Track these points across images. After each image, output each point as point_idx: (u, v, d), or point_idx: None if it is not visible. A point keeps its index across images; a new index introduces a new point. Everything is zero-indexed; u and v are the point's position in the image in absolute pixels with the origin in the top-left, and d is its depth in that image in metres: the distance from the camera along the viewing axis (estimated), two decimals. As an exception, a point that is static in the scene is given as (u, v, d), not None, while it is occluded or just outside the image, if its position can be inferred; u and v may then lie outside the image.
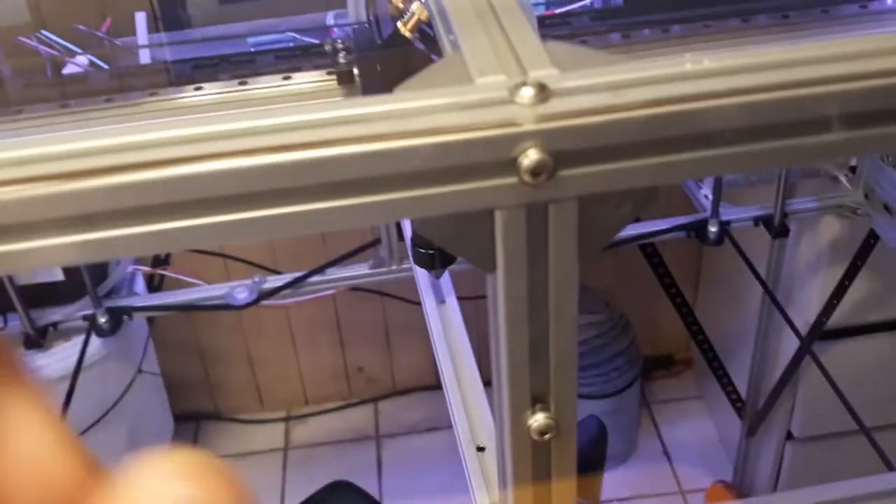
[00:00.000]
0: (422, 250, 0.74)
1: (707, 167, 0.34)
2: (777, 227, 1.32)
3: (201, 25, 1.34)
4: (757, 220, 1.34)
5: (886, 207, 1.28)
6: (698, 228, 1.33)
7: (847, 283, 1.39)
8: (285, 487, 1.99)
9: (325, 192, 0.31)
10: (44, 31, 1.25)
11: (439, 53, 0.66)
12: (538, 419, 0.38)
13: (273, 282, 1.35)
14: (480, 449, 0.67)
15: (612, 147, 0.32)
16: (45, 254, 0.30)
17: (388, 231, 1.33)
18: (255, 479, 1.99)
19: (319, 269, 1.36)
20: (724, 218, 1.32)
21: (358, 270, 1.36)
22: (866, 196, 1.31)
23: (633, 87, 0.32)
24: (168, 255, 1.50)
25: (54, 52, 1.23)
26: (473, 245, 0.33)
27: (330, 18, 1.29)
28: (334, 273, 1.36)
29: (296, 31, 1.18)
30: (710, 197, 1.34)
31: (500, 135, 0.31)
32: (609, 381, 1.85)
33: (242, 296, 1.34)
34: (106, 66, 1.14)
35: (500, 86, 0.32)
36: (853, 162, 1.33)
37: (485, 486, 0.64)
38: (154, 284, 1.48)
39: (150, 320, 1.53)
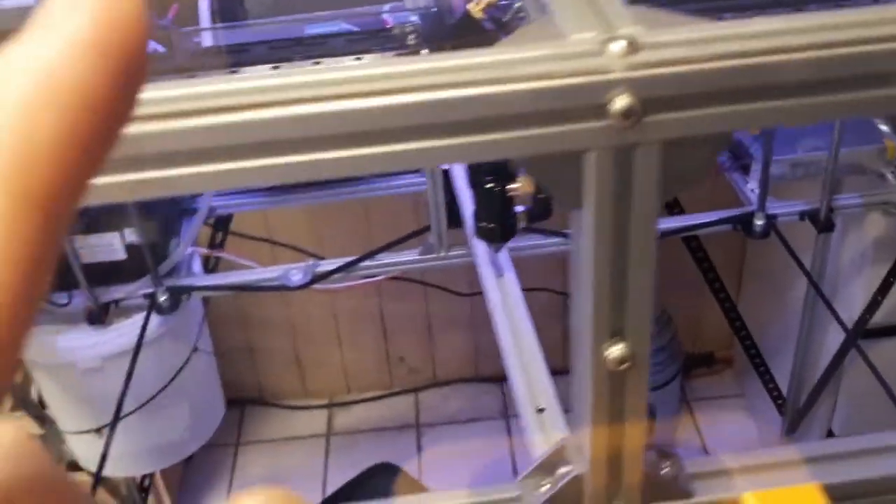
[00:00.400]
0: (484, 224, 0.77)
1: (776, 116, 0.37)
2: (823, 222, 1.34)
3: (257, 18, 1.39)
4: (803, 215, 1.36)
5: (933, 204, 1.30)
6: (744, 222, 1.36)
7: (892, 280, 1.40)
8: (327, 472, 2.03)
9: (439, 131, 0.35)
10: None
11: (508, 33, 0.70)
12: (616, 350, 0.41)
13: (326, 265, 1.39)
14: (540, 410, 0.71)
15: (693, 95, 0.36)
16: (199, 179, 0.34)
17: (437, 218, 1.36)
18: (298, 463, 2.04)
19: (370, 255, 1.40)
20: (770, 211, 1.34)
21: (408, 256, 1.40)
22: (912, 193, 1.32)
23: (713, 43, 0.36)
24: (224, 239, 1.56)
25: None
26: (564, 183, 0.37)
27: (386, 8, 1.33)
28: (385, 258, 1.40)
29: (357, 17, 1.22)
30: (757, 190, 1.36)
31: (594, 81, 0.35)
32: (650, 375, 1.87)
33: (297, 278, 1.38)
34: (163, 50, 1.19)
35: (593, 40, 0.36)
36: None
37: (546, 444, 0.68)
38: (209, 267, 1.53)
39: (205, 301, 1.57)
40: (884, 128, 1.39)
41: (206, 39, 1.10)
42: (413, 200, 1.66)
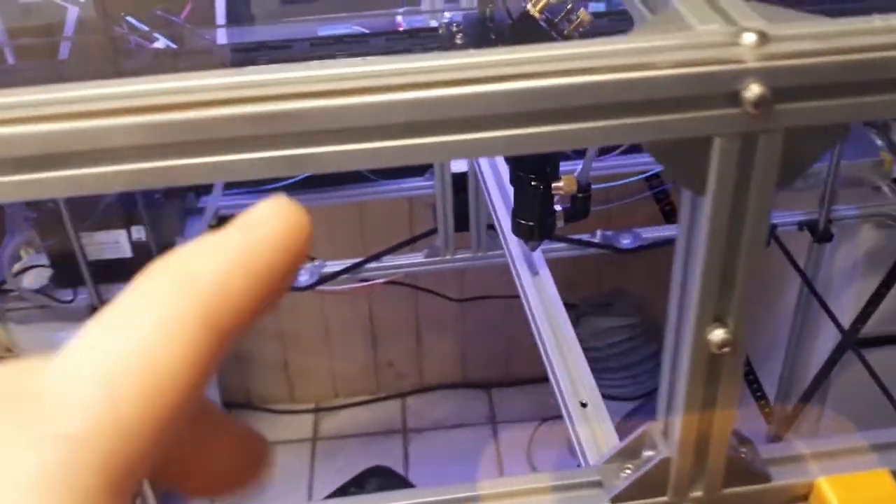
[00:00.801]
0: (522, 221, 0.79)
1: (892, 108, 0.39)
2: (821, 232, 1.37)
3: (264, 24, 1.40)
4: (801, 225, 1.40)
5: (929, 217, 1.34)
6: (743, 231, 1.38)
7: (885, 290, 1.44)
8: (313, 477, 2.03)
9: (576, 115, 0.36)
10: (127, 17, 1.30)
11: (561, 34, 0.71)
12: (718, 334, 0.42)
13: (332, 266, 1.40)
14: (583, 405, 0.72)
15: (818, 86, 0.37)
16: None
17: (445, 221, 1.37)
18: (284, 467, 2.03)
19: (376, 256, 1.41)
20: (771, 221, 1.37)
21: (413, 259, 1.41)
22: (909, 205, 1.36)
23: (836, 37, 0.37)
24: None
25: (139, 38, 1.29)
26: (690, 169, 0.38)
27: (400, 16, 1.35)
28: (390, 260, 1.41)
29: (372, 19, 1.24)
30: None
31: (728, 70, 0.36)
32: (638, 383, 1.89)
33: (304, 278, 1.39)
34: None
35: (724, 31, 0.37)
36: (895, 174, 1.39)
37: (592, 437, 0.69)
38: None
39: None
40: (879, 142, 1.43)
41: (249, 36, 1.10)
42: (408, 204, 1.68)
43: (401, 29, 1.12)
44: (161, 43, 1.33)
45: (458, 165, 1.34)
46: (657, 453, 0.48)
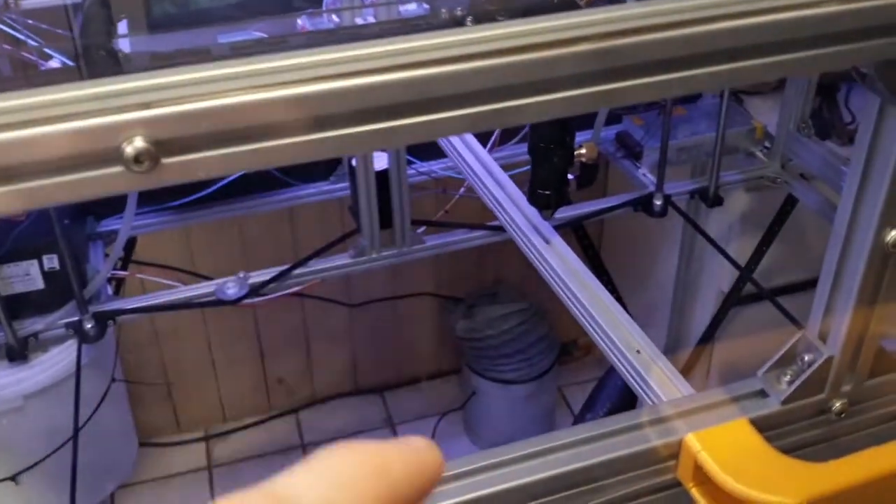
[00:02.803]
0: (540, 191, 0.83)
1: None
2: (712, 198, 1.50)
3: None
4: (693, 193, 1.52)
5: (803, 175, 1.49)
6: (644, 203, 1.49)
7: (764, 248, 1.59)
8: (216, 505, 1.96)
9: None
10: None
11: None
12: (894, 235, 0.49)
13: (259, 276, 1.38)
14: (638, 352, 0.77)
15: None
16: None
17: (370, 219, 1.39)
18: (183, 500, 1.95)
19: (302, 262, 1.40)
20: (667, 192, 1.49)
21: (341, 260, 1.41)
22: (783, 166, 1.51)
23: None
24: (127, 263, 1.49)
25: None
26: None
27: (304, 20, 1.35)
28: (316, 265, 1.40)
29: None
30: (649, 175, 1.51)
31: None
32: (533, 364, 1.97)
33: (232, 291, 1.36)
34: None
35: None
36: (766, 144, 1.54)
37: (651, 379, 0.74)
38: (114, 291, 1.46)
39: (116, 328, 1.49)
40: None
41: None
42: (318, 210, 1.67)
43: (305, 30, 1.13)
44: (56, 61, 1.27)
45: (379, 163, 1.36)
46: (818, 355, 0.54)
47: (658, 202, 1.48)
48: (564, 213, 1.46)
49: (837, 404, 0.56)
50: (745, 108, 1.64)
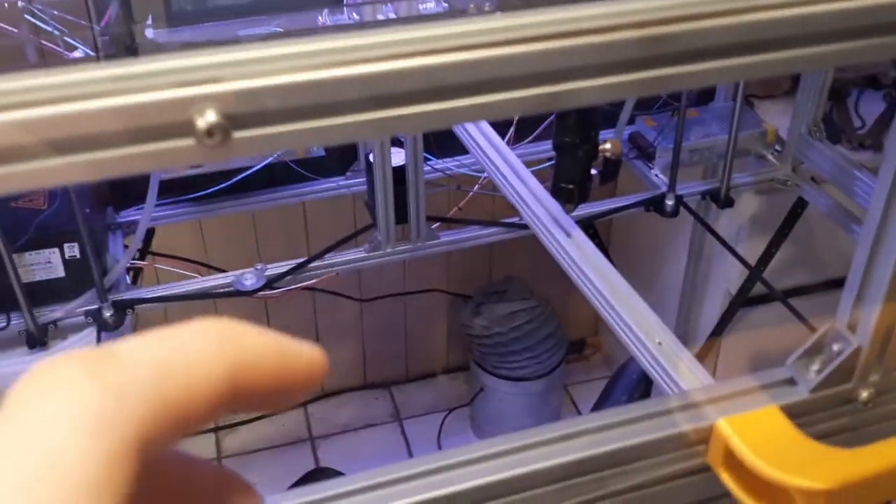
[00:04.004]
0: (563, 185, 0.84)
1: None
2: (723, 199, 1.51)
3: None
4: (705, 194, 1.53)
5: (813, 178, 1.51)
6: (656, 203, 1.50)
7: (773, 250, 1.60)
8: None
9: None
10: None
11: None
12: (926, 226, 0.50)
13: (276, 268, 1.39)
14: (659, 343, 0.78)
15: None
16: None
17: (386, 214, 1.40)
18: (192, 491, 1.96)
19: (318, 255, 1.41)
20: (678, 193, 1.50)
21: (356, 254, 1.43)
22: (794, 170, 1.53)
23: None
24: (145, 254, 1.50)
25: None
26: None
27: (324, 15, 1.37)
28: (332, 258, 1.42)
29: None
30: (661, 176, 1.52)
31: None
32: (540, 362, 1.99)
33: (250, 282, 1.37)
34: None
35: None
36: (777, 147, 1.56)
37: (673, 370, 0.76)
38: (132, 281, 1.47)
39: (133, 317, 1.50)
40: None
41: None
42: (331, 205, 1.68)
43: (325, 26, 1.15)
44: (80, 52, 1.28)
45: (396, 159, 1.37)
46: (846, 345, 0.55)
47: (670, 202, 1.50)
48: (579, 211, 1.48)
49: (865, 394, 0.57)
50: (756, 111, 1.65)
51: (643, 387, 1.20)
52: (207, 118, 0.35)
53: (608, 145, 0.83)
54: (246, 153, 0.37)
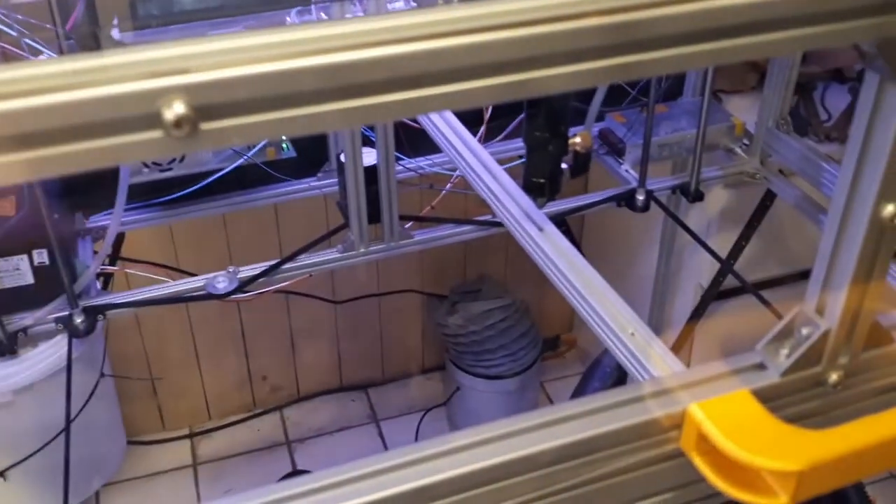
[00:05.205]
0: (534, 179, 0.85)
1: None
2: (693, 193, 1.53)
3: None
4: (675, 188, 1.54)
5: (781, 171, 1.52)
6: (627, 198, 1.51)
7: (744, 243, 1.62)
8: (201, 502, 1.97)
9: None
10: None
11: None
12: (890, 209, 0.51)
13: (248, 270, 1.38)
14: (632, 334, 0.79)
15: None
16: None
17: (358, 214, 1.40)
18: (168, 497, 1.95)
19: (291, 256, 1.41)
20: (649, 188, 1.51)
21: (330, 255, 1.42)
22: (762, 163, 1.54)
23: None
24: (115, 259, 1.49)
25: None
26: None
27: (292, 15, 1.37)
28: (306, 259, 1.41)
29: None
30: (631, 171, 1.53)
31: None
32: (516, 360, 1.99)
33: (223, 285, 1.36)
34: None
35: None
36: (745, 141, 1.57)
37: (646, 359, 0.76)
38: (103, 287, 1.46)
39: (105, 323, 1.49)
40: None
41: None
42: (303, 207, 1.68)
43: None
44: (44, 56, 1.27)
45: (367, 159, 1.37)
46: (815, 328, 0.56)
47: (641, 197, 1.51)
48: (550, 207, 1.49)
49: (834, 376, 0.58)
50: (724, 106, 1.67)
51: (617, 378, 1.21)
52: (175, 109, 0.35)
53: (578, 139, 0.84)
54: (214, 145, 0.37)
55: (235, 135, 0.36)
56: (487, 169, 0.97)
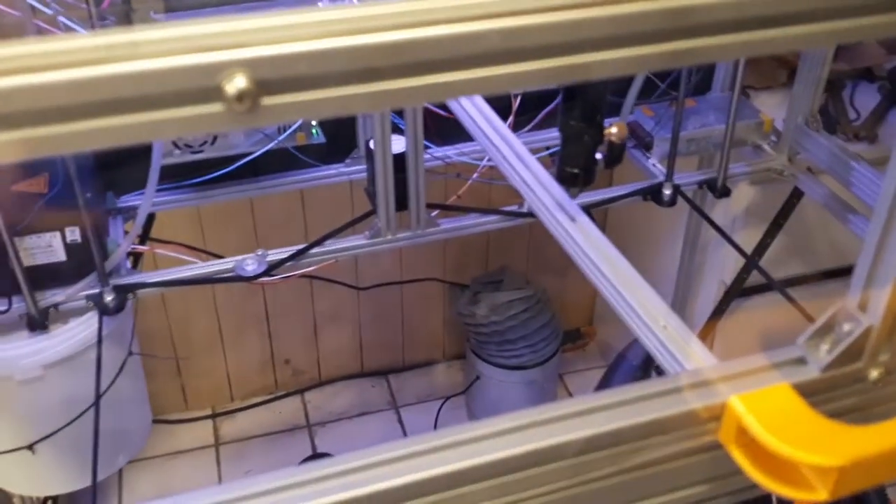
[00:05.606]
0: (568, 169, 0.84)
1: None
2: (720, 189, 1.52)
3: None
4: (702, 184, 1.54)
5: (809, 169, 1.51)
6: (653, 192, 1.50)
7: (769, 240, 1.61)
8: (222, 482, 1.98)
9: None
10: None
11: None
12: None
13: (276, 254, 1.39)
14: (665, 327, 0.79)
15: None
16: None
17: (386, 201, 1.40)
18: (190, 476, 1.97)
19: (319, 241, 1.41)
20: (676, 182, 1.50)
21: (357, 241, 1.43)
22: (790, 160, 1.53)
23: None
24: (145, 239, 1.50)
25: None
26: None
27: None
28: (333, 244, 1.42)
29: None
30: (658, 165, 1.52)
31: None
32: (536, 351, 1.99)
33: (251, 268, 1.37)
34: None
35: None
36: (773, 138, 1.56)
37: (679, 352, 0.76)
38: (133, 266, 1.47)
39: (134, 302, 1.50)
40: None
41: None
42: (330, 192, 1.68)
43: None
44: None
45: (396, 146, 1.37)
46: (857, 325, 0.56)
47: (668, 192, 1.50)
48: (578, 199, 1.48)
49: (875, 373, 0.57)
50: (752, 102, 1.66)
51: (643, 373, 1.21)
52: (237, 83, 0.35)
53: (614, 129, 0.84)
54: (275, 120, 0.37)
55: (295, 110, 0.37)
56: (520, 158, 0.97)
